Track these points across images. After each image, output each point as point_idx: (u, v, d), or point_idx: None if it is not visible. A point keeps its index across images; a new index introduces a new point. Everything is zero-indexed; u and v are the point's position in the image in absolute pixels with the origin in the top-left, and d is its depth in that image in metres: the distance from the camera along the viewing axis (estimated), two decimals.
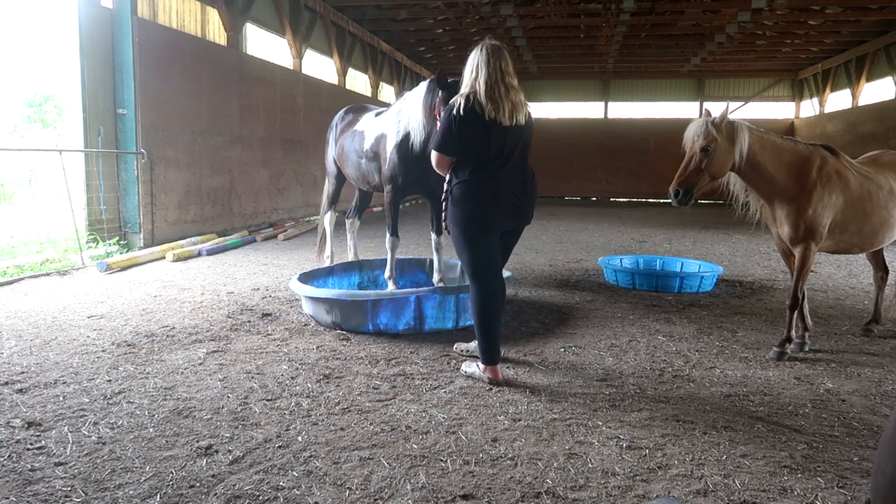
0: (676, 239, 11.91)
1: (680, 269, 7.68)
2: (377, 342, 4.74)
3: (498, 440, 3.12)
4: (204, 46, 10.79)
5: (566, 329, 5.26)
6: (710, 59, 20.82)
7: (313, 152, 14.23)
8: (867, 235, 4.67)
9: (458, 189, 3.82)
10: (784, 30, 17.39)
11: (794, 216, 4.45)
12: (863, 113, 18.60)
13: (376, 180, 6.04)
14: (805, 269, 4.54)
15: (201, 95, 10.33)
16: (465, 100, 3.71)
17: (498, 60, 3.73)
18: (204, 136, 10.44)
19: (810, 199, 4.41)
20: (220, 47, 11.38)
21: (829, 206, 4.44)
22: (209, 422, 3.26)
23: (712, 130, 4.30)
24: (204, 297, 6.20)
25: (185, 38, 10.33)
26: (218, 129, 10.84)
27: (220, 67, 10.88)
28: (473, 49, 3.84)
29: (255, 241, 10.43)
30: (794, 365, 4.43)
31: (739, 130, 4.36)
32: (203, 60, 10.41)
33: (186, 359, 4.27)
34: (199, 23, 11.35)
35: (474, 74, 3.76)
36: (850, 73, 19.65)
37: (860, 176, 4.60)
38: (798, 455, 3.02)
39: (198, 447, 2.97)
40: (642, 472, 2.83)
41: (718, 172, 4.40)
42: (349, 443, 3.06)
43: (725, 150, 4.34)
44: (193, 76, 10.12)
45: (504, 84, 3.73)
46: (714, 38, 17.84)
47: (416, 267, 6.69)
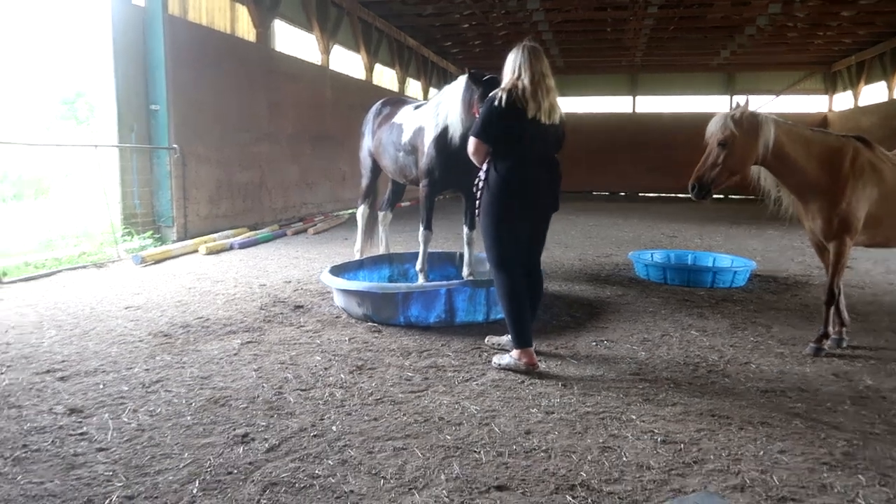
0: (708, 234, 11.75)
1: (712, 264, 7.58)
2: (408, 334, 4.76)
3: (531, 432, 3.12)
4: (233, 43, 10.91)
5: (597, 323, 5.23)
6: (740, 52, 20.44)
7: (341, 148, 14.31)
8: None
9: (494, 179, 3.95)
10: (816, 21, 16.99)
11: (827, 210, 4.35)
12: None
13: (414, 174, 6.04)
14: (840, 264, 4.44)
15: (231, 92, 10.45)
16: (508, 94, 3.85)
17: (539, 63, 3.92)
18: (234, 131, 10.56)
19: (843, 192, 4.30)
20: (249, 44, 11.49)
21: (863, 198, 4.33)
22: (245, 410, 3.31)
23: (729, 125, 4.24)
24: (237, 289, 6.29)
25: (214, 34, 10.45)
26: (248, 124, 10.96)
27: (249, 64, 11.00)
28: (514, 49, 4.00)
29: (285, 234, 10.54)
30: (832, 361, 4.35)
31: (764, 123, 4.28)
32: (232, 57, 10.53)
33: (221, 349, 4.33)
34: (229, 20, 11.47)
35: (517, 74, 3.91)
36: (886, 65, 19.14)
37: (895, 167, 4.49)
38: (838, 452, 2.97)
39: (235, 435, 3.02)
40: (677, 467, 2.80)
41: (737, 167, 4.32)
42: (383, 433, 3.09)
43: (744, 145, 4.25)
44: (223, 73, 10.24)
45: (545, 85, 3.92)
46: (744, 30, 17.51)
47: (446, 261, 6.69)
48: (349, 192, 14.91)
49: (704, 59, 22.37)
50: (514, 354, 4.01)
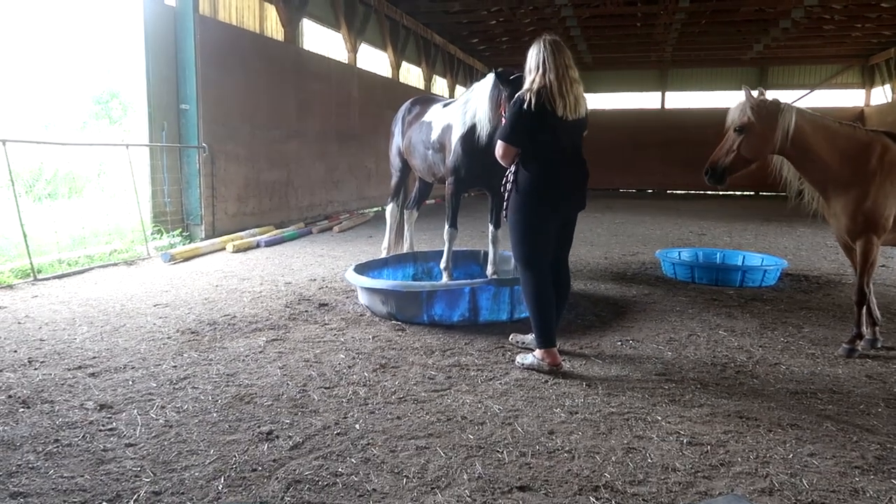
0: (737, 232, 11.56)
1: (741, 263, 7.45)
2: (432, 333, 4.76)
3: (554, 433, 3.10)
4: (262, 42, 11.02)
5: (623, 322, 5.18)
6: (774, 45, 20.02)
7: (367, 146, 14.37)
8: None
9: (524, 179, 3.93)
10: (854, 14, 16.55)
11: (852, 207, 4.23)
12: None
13: (442, 171, 6.02)
14: (868, 262, 4.32)
15: (259, 90, 10.56)
16: (537, 95, 3.80)
17: (562, 56, 3.86)
18: (262, 130, 10.67)
19: (869, 188, 4.18)
20: (278, 43, 11.60)
21: (891, 195, 4.20)
22: (270, 408, 3.34)
23: (746, 111, 4.22)
24: (263, 287, 6.36)
25: (244, 34, 10.57)
26: (275, 123, 11.06)
27: (277, 63, 11.10)
28: (534, 45, 3.94)
29: (310, 233, 10.62)
30: (865, 362, 4.24)
31: (784, 112, 4.20)
32: (261, 56, 10.64)
33: (247, 346, 4.38)
34: (258, 19, 11.59)
35: (541, 70, 3.85)
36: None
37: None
38: (870, 456, 2.90)
39: (259, 432, 3.05)
40: (704, 469, 2.76)
41: (753, 154, 4.31)
42: (406, 431, 3.09)
43: (761, 132, 4.22)
44: (252, 71, 10.35)
45: (569, 78, 3.86)
46: (778, 23, 17.13)
47: (470, 259, 6.68)
48: (374, 189, 14.97)
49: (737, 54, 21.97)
50: (537, 354, 3.99)
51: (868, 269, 4.34)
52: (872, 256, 4.31)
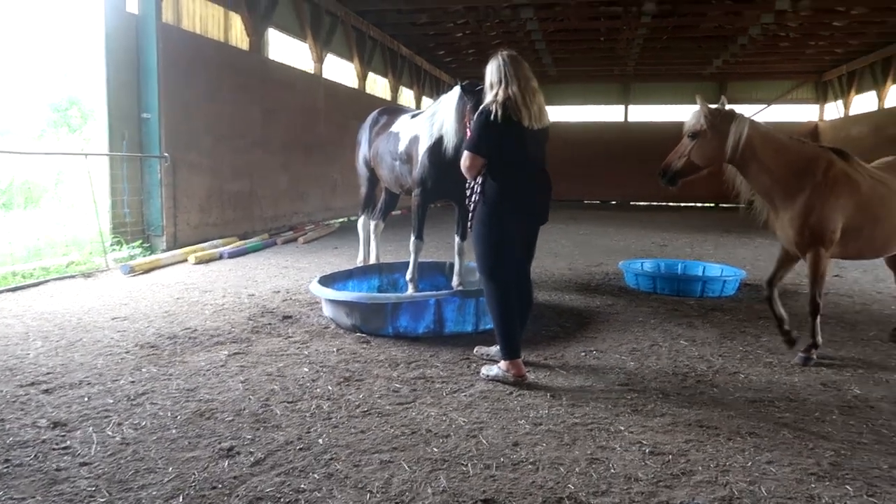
0: (698, 243, 11.78)
1: (702, 274, 7.59)
2: (397, 345, 4.74)
3: (519, 444, 3.10)
4: (226, 51, 10.91)
5: (587, 333, 5.22)
6: (733, 61, 20.56)
7: (333, 156, 14.30)
8: (879, 241, 4.54)
9: (491, 190, 3.96)
10: (808, 31, 17.12)
11: (799, 220, 4.36)
12: (889, 115, 18.26)
13: (409, 183, 6.03)
14: (818, 274, 4.44)
15: (223, 100, 10.44)
16: (503, 107, 3.85)
17: (522, 69, 3.95)
18: (226, 139, 10.54)
19: (815, 202, 4.31)
20: (243, 52, 11.49)
21: (836, 209, 4.32)
22: (231, 423, 3.28)
23: (700, 118, 4.36)
24: (225, 299, 6.26)
25: (208, 42, 10.45)
26: (240, 132, 10.94)
27: (242, 72, 10.99)
28: (492, 60, 4.02)
29: (275, 244, 10.50)
30: (821, 371, 4.35)
31: (736, 122, 4.33)
32: (225, 65, 10.53)
33: (208, 361, 4.30)
34: (222, 28, 11.47)
35: (504, 83, 3.90)
36: (876, 74, 19.30)
37: (873, 180, 4.47)
38: (825, 462, 2.96)
39: (220, 449, 2.99)
40: (665, 478, 2.80)
41: (704, 160, 4.44)
42: (370, 446, 3.06)
43: (712, 140, 4.35)
44: (216, 81, 10.23)
45: (531, 88, 3.94)
46: (737, 39, 17.61)
47: (436, 270, 6.67)
48: (341, 200, 14.89)
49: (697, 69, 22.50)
50: (502, 366, 3.99)
51: (818, 280, 4.46)
52: (822, 268, 4.43)
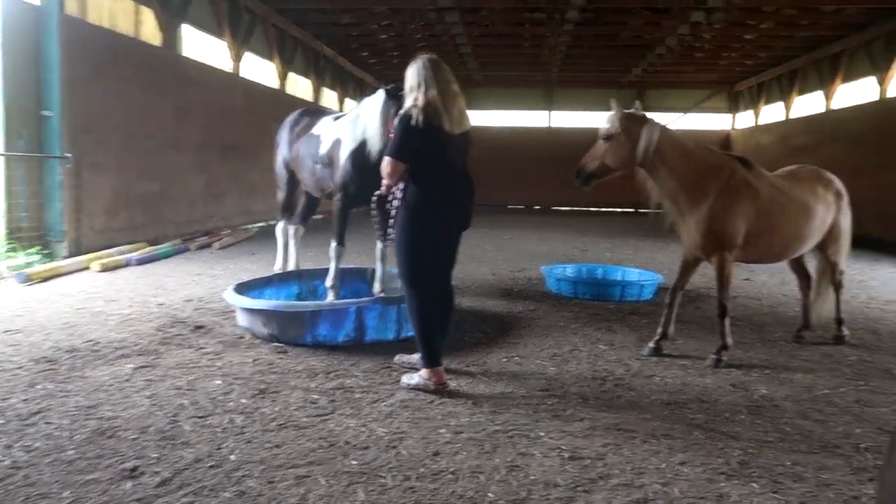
0: (618, 247, 12.11)
1: (621, 278, 7.77)
2: (316, 355, 4.61)
3: (439, 454, 3.06)
4: (137, 47, 10.38)
5: (509, 339, 5.24)
6: (651, 70, 21.30)
7: (252, 158, 13.88)
8: (777, 247, 4.79)
9: (413, 195, 3.92)
10: (721, 43, 17.97)
11: (704, 225, 4.53)
12: (794, 126, 19.33)
13: (331, 187, 5.89)
14: (724, 277, 4.63)
15: (133, 97, 9.93)
16: (424, 112, 3.81)
17: (442, 72, 3.91)
18: (135, 139, 10.01)
19: (719, 208, 4.50)
20: (155, 48, 10.98)
21: (739, 215, 4.52)
22: (135, 442, 3.10)
23: (614, 122, 4.49)
24: (132, 309, 5.92)
25: (116, 37, 9.91)
26: (151, 132, 10.42)
27: (154, 69, 10.49)
28: (412, 65, 3.95)
29: (188, 249, 10.03)
30: (731, 372, 4.52)
31: (647, 127, 4.47)
32: (136, 61, 10.01)
33: (112, 375, 4.05)
34: (133, 22, 10.93)
35: (423, 88, 3.86)
36: (783, 86, 20.38)
37: (773, 188, 4.70)
38: (734, 461, 3.07)
39: (122, 469, 2.82)
40: (584, 483, 2.82)
41: (616, 163, 4.56)
42: (285, 460, 2.96)
43: (625, 143, 4.48)
44: (125, 77, 9.71)
45: (452, 92, 3.91)
46: (655, 49, 18.27)
47: (357, 276, 6.55)
48: (259, 204, 14.47)
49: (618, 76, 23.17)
50: (423, 374, 3.95)
51: (724, 283, 4.65)
52: (727, 272, 4.62)
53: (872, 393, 4.14)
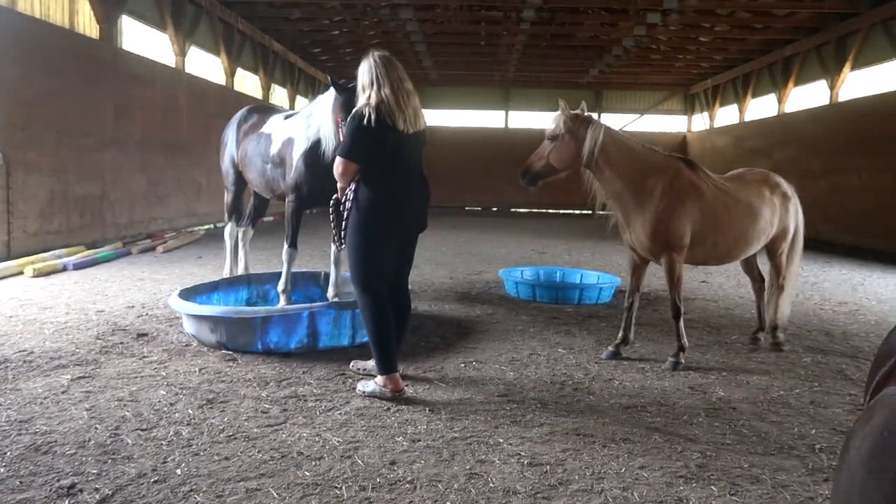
0: (576, 250, 12.20)
1: (579, 281, 7.78)
2: (267, 362, 4.46)
3: (396, 463, 2.99)
4: (72, 39, 9.91)
5: (467, 343, 5.18)
6: (608, 71, 21.58)
7: (198, 157, 13.48)
8: (723, 248, 4.82)
9: (364, 197, 3.81)
10: (677, 45, 18.35)
11: (649, 227, 4.56)
12: (749, 128, 19.85)
13: (282, 188, 5.71)
14: (674, 278, 4.66)
15: (69, 93, 9.48)
16: (376, 110, 3.71)
17: (395, 70, 3.82)
18: (72, 137, 9.56)
19: (663, 209, 4.52)
20: (92, 41, 10.52)
21: (684, 216, 4.55)
22: (73, 457, 2.93)
23: (559, 123, 4.50)
24: (69, 316, 5.63)
25: (49, 28, 9.44)
26: (88, 130, 9.98)
27: (91, 63, 10.04)
28: (363, 61, 3.86)
29: (130, 253, 9.66)
30: (689, 374, 4.55)
31: (592, 128, 4.48)
32: (71, 54, 9.56)
33: (47, 387, 3.82)
34: (67, 13, 10.45)
35: (376, 86, 3.77)
36: (738, 89, 20.88)
37: (717, 190, 4.74)
38: (693, 464, 3.07)
39: (59, 487, 2.65)
40: (543, 490, 2.78)
41: (561, 163, 4.57)
42: (235, 473, 2.84)
43: (569, 144, 4.49)
44: (60, 71, 9.26)
45: (405, 91, 3.82)
46: (611, 50, 18.52)
47: (310, 280, 6.39)
48: (206, 205, 14.07)
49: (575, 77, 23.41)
50: (379, 380, 3.85)
51: (675, 284, 4.68)
52: (677, 273, 4.65)
53: (826, 394, 4.23)
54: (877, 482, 1.02)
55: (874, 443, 1.08)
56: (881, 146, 13.06)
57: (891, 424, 1.07)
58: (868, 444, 1.09)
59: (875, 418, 1.14)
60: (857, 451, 1.12)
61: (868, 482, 1.04)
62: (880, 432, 1.08)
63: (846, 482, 1.12)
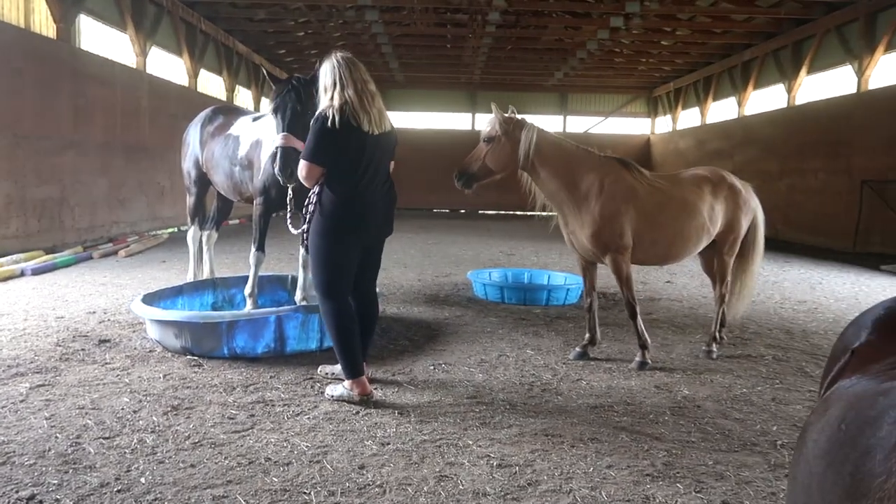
0: (543, 251, 12.26)
1: (547, 282, 7.84)
2: (233, 367, 4.39)
3: (365, 467, 2.97)
4: (27, 38, 9.67)
5: (436, 346, 5.17)
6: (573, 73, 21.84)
7: (160, 160, 13.25)
8: (661, 247, 4.77)
9: (328, 200, 3.75)
10: (640, 49, 18.65)
11: (588, 228, 4.57)
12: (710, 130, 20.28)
13: (250, 190, 5.62)
14: (622, 277, 4.67)
15: (25, 94, 9.23)
16: (340, 112, 3.66)
17: (358, 71, 3.78)
18: (28, 140, 9.32)
19: (599, 210, 4.52)
20: (48, 40, 10.27)
21: (620, 216, 4.54)
22: (32, 468, 2.86)
23: (495, 125, 4.51)
24: (27, 323, 5.48)
25: (3, 28, 9.19)
26: (46, 132, 9.73)
27: (47, 63, 9.80)
28: (325, 62, 3.82)
29: (91, 258, 9.42)
30: (654, 373, 4.62)
31: (526, 131, 4.51)
32: (26, 54, 9.32)
33: (4, 396, 3.71)
34: (22, 11, 10.17)
35: (338, 87, 3.72)
36: (699, 92, 21.35)
37: (651, 188, 4.72)
38: (659, 463, 3.11)
39: (17, 499, 2.59)
40: (513, 491, 2.79)
41: (497, 166, 4.57)
42: (201, 480, 2.79)
43: (505, 146, 4.50)
44: (15, 72, 9.03)
45: (369, 92, 3.78)
46: (576, 53, 18.74)
47: (277, 284, 6.31)
48: (169, 209, 13.83)
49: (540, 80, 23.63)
50: (346, 385, 3.82)
51: (625, 284, 4.69)
52: (624, 272, 4.66)
53: (787, 391, 4.32)
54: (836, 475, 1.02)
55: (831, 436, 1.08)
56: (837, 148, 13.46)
57: (847, 417, 1.08)
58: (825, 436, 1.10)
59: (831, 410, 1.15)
60: (814, 444, 1.12)
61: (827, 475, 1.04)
62: (837, 425, 1.09)
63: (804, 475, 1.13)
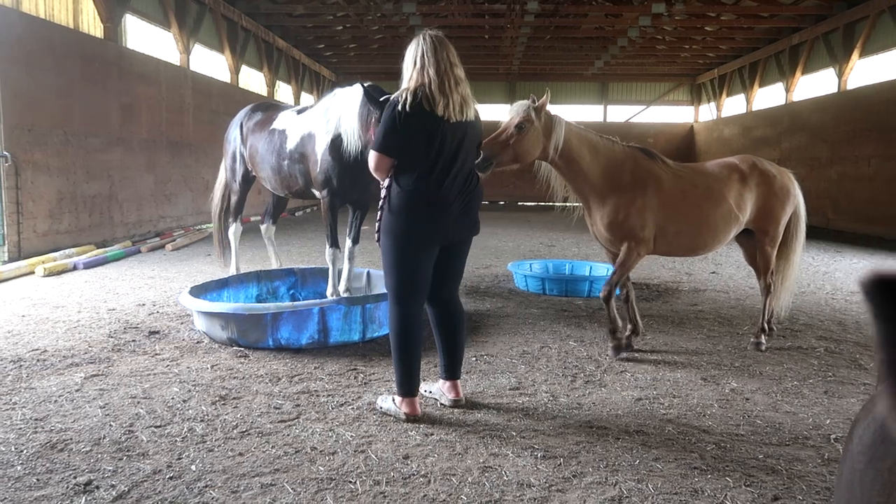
0: (584, 243, 12.12)
1: (589, 273, 7.74)
2: (278, 358, 4.46)
3: (409, 457, 2.99)
4: (76, 38, 9.93)
5: (477, 338, 5.16)
6: (613, 62, 21.47)
7: (204, 155, 13.50)
8: (686, 237, 4.66)
9: (398, 198, 3.36)
10: (683, 35, 18.22)
11: (609, 218, 4.52)
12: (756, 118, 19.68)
13: (300, 184, 5.62)
14: (625, 265, 4.58)
15: (74, 93, 9.49)
16: (413, 95, 3.29)
17: (445, 51, 3.38)
18: (78, 137, 9.59)
19: (622, 200, 4.46)
20: (96, 40, 10.54)
21: (644, 208, 4.47)
22: (88, 455, 2.94)
23: (531, 112, 4.35)
24: (81, 315, 5.65)
25: (54, 28, 9.46)
26: (95, 129, 10.00)
27: (95, 62, 10.06)
28: (413, 41, 3.44)
29: (139, 252, 9.68)
30: (701, 365, 4.53)
31: (556, 124, 4.41)
32: (76, 54, 9.58)
33: (61, 385, 3.83)
34: (71, 12, 10.47)
35: (419, 65, 3.35)
36: (745, 78, 20.72)
37: (675, 177, 4.64)
38: (708, 455, 3.05)
39: (75, 484, 2.66)
40: (557, 482, 2.77)
41: (523, 154, 4.31)
42: (249, 469, 2.84)
43: (536, 136, 4.34)
44: (65, 71, 9.28)
45: (453, 75, 3.38)
46: (616, 41, 18.43)
47: (319, 276, 6.38)
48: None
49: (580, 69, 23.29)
50: (396, 401, 3.49)
51: (623, 269, 4.59)
52: (629, 262, 4.58)
53: (841, 384, 4.19)
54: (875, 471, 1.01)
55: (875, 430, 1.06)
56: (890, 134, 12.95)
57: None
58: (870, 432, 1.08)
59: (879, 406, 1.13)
60: (859, 440, 1.11)
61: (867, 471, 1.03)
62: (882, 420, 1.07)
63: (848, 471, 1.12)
